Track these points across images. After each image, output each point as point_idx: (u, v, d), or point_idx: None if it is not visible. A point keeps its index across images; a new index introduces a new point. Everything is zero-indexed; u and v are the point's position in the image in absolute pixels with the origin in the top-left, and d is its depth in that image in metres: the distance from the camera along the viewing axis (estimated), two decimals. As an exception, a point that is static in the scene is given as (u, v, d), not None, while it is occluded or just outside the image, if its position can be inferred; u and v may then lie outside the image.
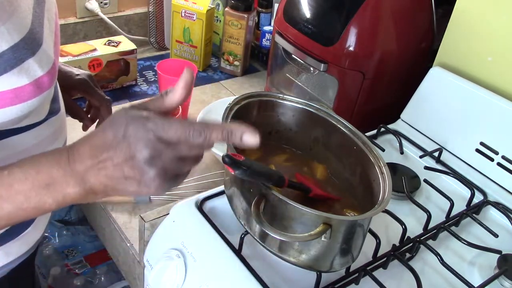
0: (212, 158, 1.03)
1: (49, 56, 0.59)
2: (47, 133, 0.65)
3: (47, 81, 0.58)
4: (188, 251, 0.66)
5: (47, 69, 0.58)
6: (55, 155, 0.51)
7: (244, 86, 1.33)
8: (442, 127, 0.91)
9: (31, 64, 0.56)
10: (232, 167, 0.53)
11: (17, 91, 0.55)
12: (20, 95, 0.55)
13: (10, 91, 0.54)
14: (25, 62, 0.55)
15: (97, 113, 0.86)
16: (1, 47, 0.53)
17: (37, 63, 0.56)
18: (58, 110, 0.69)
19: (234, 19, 1.28)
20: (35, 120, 0.63)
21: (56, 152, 0.51)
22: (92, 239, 1.29)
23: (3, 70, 0.53)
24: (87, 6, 1.35)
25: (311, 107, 0.73)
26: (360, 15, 0.91)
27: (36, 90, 0.56)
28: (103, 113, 0.86)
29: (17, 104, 0.55)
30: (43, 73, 0.57)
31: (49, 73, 0.58)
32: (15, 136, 0.61)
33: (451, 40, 0.93)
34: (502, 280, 0.67)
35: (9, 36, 0.54)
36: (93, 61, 1.15)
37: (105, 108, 0.85)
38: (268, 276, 0.62)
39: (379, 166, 0.64)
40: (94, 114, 0.88)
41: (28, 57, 0.55)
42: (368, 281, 0.63)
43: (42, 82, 0.57)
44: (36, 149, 0.63)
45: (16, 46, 0.54)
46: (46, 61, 0.58)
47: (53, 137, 0.67)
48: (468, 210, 0.77)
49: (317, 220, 0.55)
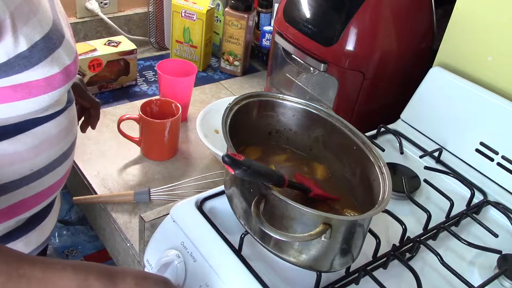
0: (212, 158, 1.03)
1: (72, 46, 0.63)
2: (66, 122, 0.68)
3: (73, 69, 0.63)
4: (188, 251, 0.66)
5: (72, 58, 0.62)
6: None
7: (244, 86, 1.33)
8: (442, 127, 0.91)
9: (60, 53, 0.60)
10: (232, 167, 0.53)
11: (49, 79, 0.59)
12: (52, 83, 0.59)
13: (43, 80, 0.58)
14: (55, 51, 0.59)
15: (87, 114, 0.90)
16: (35, 37, 0.56)
17: (64, 52, 0.60)
18: (73, 99, 0.72)
19: (234, 19, 1.28)
20: (58, 109, 0.66)
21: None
22: (92, 239, 1.29)
23: (38, 60, 0.57)
24: (87, 6, 1.35)
25: (311, 107, 0.73)
26: (360, 15, 0.91)
27: (65, 78, 0.61)
28: (93, 114, 0.89)
29: (49, 92, 0.59)
30: (70, 62, 0.61)
31: (74, 62, 0.63)
32: (41, 125, 0.64)
33: (451, 40, 0.93)
34: (502, 280, 0.67)
35: (41, 27, 0.57)
36: (93, 61, 1.15)
37: (94, 110, 0.89)
38: (268, 276, 0.62)
39: (379, 166, 0.64)
40: (84, 115, 0.91)
41: (57, 47, 0.59)
42: (368, 281, 0.63)
43: (70, 70, 0.61)
44: (57, 138, 0.66)
45: (46, 36, 0.58)
46: (71, 51, 0.62)
47: (70, 126, 0.70)
48: (468, 210, 0.77)
49: (317, 220, 0.55)
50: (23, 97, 0.57)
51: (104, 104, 1.17)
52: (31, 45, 0.56)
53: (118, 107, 1.17)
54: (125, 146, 1.02)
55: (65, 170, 0.71)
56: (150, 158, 1.01)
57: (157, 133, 0.99)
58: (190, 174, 0.99)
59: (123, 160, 1.00)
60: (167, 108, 1.01)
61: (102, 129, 1.08)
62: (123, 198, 0.90)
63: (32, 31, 0.56)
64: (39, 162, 0.65)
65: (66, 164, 0.71)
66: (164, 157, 1.02)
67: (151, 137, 1.00)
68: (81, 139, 1.03)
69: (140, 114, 0.96)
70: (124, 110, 1.15)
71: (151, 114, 1.00)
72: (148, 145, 1.01)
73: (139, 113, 0.96)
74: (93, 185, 0.93)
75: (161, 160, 1.01)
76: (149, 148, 1.01)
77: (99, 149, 1.02)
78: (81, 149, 1.01)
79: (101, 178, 0.95)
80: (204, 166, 1.01)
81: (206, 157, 1.04)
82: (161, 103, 1.02)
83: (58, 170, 0.69)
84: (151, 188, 0.91)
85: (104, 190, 0.93)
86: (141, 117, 0.96)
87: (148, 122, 0.96)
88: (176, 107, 1.00)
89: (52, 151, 0.66)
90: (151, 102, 1.01)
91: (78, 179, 0.98)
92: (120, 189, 0.93)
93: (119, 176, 0.96)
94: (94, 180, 0.95)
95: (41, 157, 0.65)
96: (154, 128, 0.97)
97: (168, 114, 1.00)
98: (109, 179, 0.95)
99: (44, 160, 0.65)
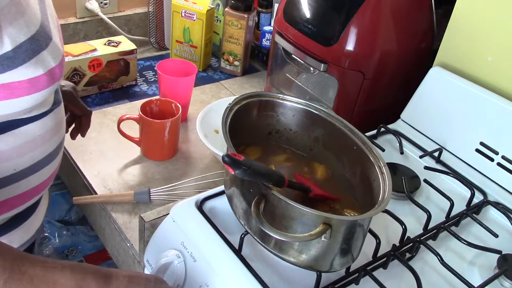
0: (212, 158, 1.03)
1: (58, 49, 0.64)
2: (52, 124, 0.68)
3: (59, 72, 0.63)
4: (188, 251, 0.66)
5: (58, 61, 0.62)
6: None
7: (244, 86, 1.33)
8: (442, 127, 0.91)
9: (45, 56, 0.60)
10: (232, 167, 0.53)
11: (33, 81, 0.59)
12: (36, 84, 0.59)
13: (27, 81, 0.58)
14: (40, 53, 0.59)
15: (78, 121, 0.91)
16: (20, 38, 0.57)
17: (50, 54, 0.61)
18: (60, 101, 0.72)
19: (234, 19, 1.28)
20: (43, 110, 0.66)
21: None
22: (92, 239, 1.28)
23: (22, 61, 0.57)
24: (87, 6, 1.35)
25: (311, 107, 0.73)
26: (360, 15, 0.91)
27: (50, 80, 0.61)
28: (83, 122, 0.90)
29: (32, 93, 0.60)
30: (55, 64, 0.62)
31: (60, 64, 0.63)
32: (25, 126, 0.64)
33: (451, 40, 0.93)
34: (502, 280, 0.67)
35: (27, 29, 0.58)
36: (93, 61, 1.15)
37: (85, 118, 0.90)
38: (268, 276, 0.62)
39: (379, 166, 0.64)
40: (75, 122, 0.92)
41: (42, 49, 0.60)
42: (368, 281, 0.63)
43: (55, 72, 0.62)
44: (41, 139, 0.67)
45: (32, 38, 0.58)
46: (57, 53, 0.63)
47: (56, 128, 0.70)
48: (468, 210, 0.77)
49: (317, 220, 0.55)
50: (5, 97, 0.57)
51: (104, 104, 1.17)
52: (16, 45, 0.56)
53: (118, 107, 1.17)
54: (125, 146, 1.02)
55: (51, 171, 0.71)
56: (150, 158, 1.01)
57: (157, 133, 0.99)
58: (190, 174, 0.99)
59: (123, 160, 1.00)
60: (167, 108, 1.01)
61: (102, 129, 1.08)
62: (123, 198, 0.90)
63: (18, 32, 0.56)
64: (23, 162, 0.65)
65: (53, 165, 0.71)
66: (164, 157, 1.02)
67: (151, 137, 1.00)
68: (81, 139, 1.03)
69: (140, 114, 0.96)
70: (124, 110, 1.15)
71: (151, 114, 1.00)
72: (148, 145, 1.01)
73: (139, 113, 0.96)
74: (93, 185, 0.93)
75: (161, 160, 1.01)
76: (149, 148, 1.01)
77: (99, 149, 1.02)
78: (81, 149, 1.01)
79: (101, 178, 0.95)
80: (204, 166, 1.01)
81: (206, 157, 1.04)
82: (161, 103, 1.02)
83: (44, 171, 0.69)
84: (151, 188, 0.91)
85: (104, 190, 0.93)
86: (141, 117, 0.96)
87: (148, 122, 0.96)
88: (176, 107, 1.00)
89: (36, 152, 0.67)
90: (151, 102, 1.01)
91: (78, 179, 0.98)
92: (120, 189, 0.93)
93: (119, 176, 0.96)
94: (94, 180, 0.95)
95: (25, 157, 0.65)
96: (154, 128, 0.97)
97: (168, 114, 1.00)
98: (109, 179, 0.95)
99: (28, 160, 0.66)
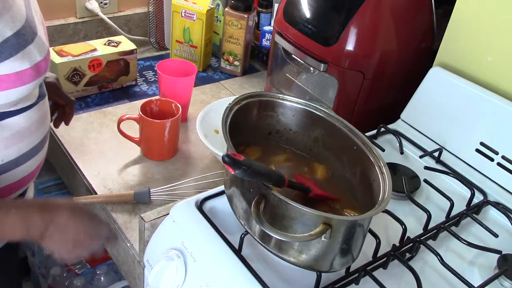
0: (212, 158, 1.03)
1: (44, 43, 0.66)
2: (37, 116, 0.71)
3: (44, 65, 0.65)
4: (188, 251, 0.66)
5: (44, 55, 0.65)
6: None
7: (244, 86, 1.33)
8: (442, 127, 0.91)
9: (31, 50, 0.62)
10: (232, 167, 0.53)
11: (20, 74, 0.61)
12: (22, 78, 0.62)
13: (13, 74, 0.60)
14: (27, 48, 0.62)
15: (61, 110, 0.93)
16: (6, 33, 0.59)
17: (36, 49, 0.63)
18: (44, 94, 0.74)
19: (234, 19, 1.28)
20: (28, 103, 0.68)
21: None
22: (92, 239, 1.28)
23: (9, 55, 0.59)
24: (87, 6, 1.35)
25: (311, 107, 0.73)
26: (360, 15, 0.91)
27: (35, 74, 0.63)
28: (67, 111, 0.93)
29: (19, 86, 0.62)
30: (41, 58, 0.64)
31: (45, 58, 0.65)
32: (11, 118, 0.66)
33: (451, 40, 0.93)
34: (502, 280, 0.67)
35: (13, 24, 0.60)
36: (93, 61, 1.15)
37: (69, 108, 0.93)
38: (268, 276, 0.62)
39: (379, 166, 0.64)
40: (58, 112, 0.94)
41: (28, 43, 0.62)
42: (368, 281, 0.63)
43: (40, 66, 0.64)
44: (27, 131, 0.69)
45: (18, 32, 0.60)
46: (42, 48, 0.65)
47: (41, 120, 0.72)
48: (468, 210, 0.77)
49: (317, 220, 0.55)
50: None
51: (104, 104, 1.17)
52: (3, 40, 0.58)
53: (118, 107, 1.17)
54: (125, 146, 1.02)
55: (37, 163, 0.74)
56: (150, 158, 1.01)
57: (157, 133, 0.98)
58: (190, 174, 0.99)
59: (123, 160, 1.00)
60: (167, 108, 1.01)
61: (102, 129, 1.08)
62: (123, 198, 0.90)
63: (4, 27, 0.59)
64: (9, 154, 0.68)
65: (39, 157, 0.74)
66: (164, 157, 1.02)
67: (151, 137, 1.00)
68: (81, 139, 1.03)
69: (140, 114, 0.96)
70: (124, 110, 1.15)
71: (151, 114, 1.00)
72: (148, 145, 1.01)
73: (139, 113, 0.96)
74: (93, 185, 0.93)
75: (161, 160, 1.01)
76: (149, 148, 1.01)
77: (99, 149, 1.02)
78: (81, 149, 1.01)
79: (101, 178, 0.95)
80: (204, 166, 1.01)
81: (206, 157, 1.03)
82: (161, 103, 1.02)
83: (30, 163, 0.72)
84: (151, 188, 0.91)
85: (104, 190, 0.93)
86: (141, 117, 0.96)
87: (148, 122, 0.96)
88: (176, 107, 1.00)
89: (22, 144, 0.69)
90: (151, 102, 1.01)
91: (78, 179, 0.98)
92: (120, 189, 0.93)
93: (119, 176, 0.96)
94: (94, 180, 0.95)
95: (12, 149, 0.68)
96: (154, 128, 0.97)
97: (168, 114, 1.00)
98: (109, 179, 0.95)
99: (15, 152, 0.68)
